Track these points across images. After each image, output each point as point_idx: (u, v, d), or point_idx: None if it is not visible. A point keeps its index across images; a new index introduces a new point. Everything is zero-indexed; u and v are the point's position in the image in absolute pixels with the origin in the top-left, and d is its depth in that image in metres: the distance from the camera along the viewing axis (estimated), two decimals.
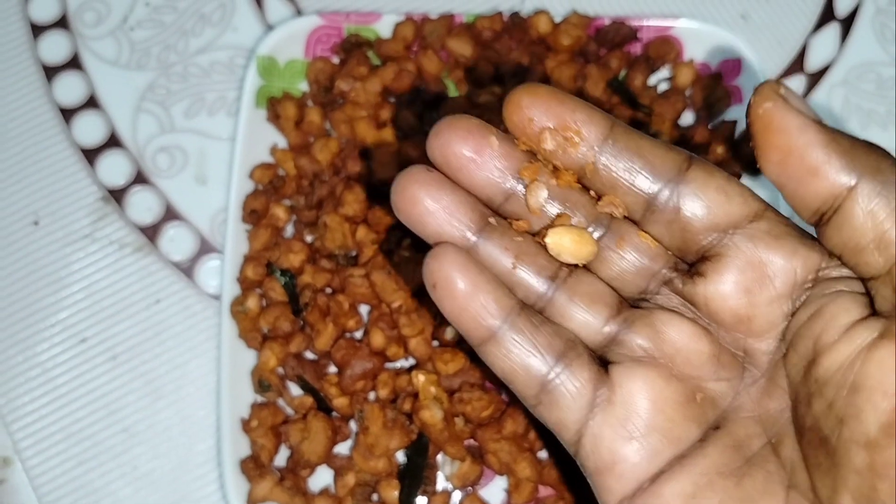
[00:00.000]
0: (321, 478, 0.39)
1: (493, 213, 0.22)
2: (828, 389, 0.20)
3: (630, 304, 0.23)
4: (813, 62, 0.48)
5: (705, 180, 0.21)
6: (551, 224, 0.22)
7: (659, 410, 0.21)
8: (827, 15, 0.48)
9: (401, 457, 0.39)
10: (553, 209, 0.23)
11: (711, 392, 0.22)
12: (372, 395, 0.39)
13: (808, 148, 0.20)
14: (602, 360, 0.22)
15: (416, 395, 0.37)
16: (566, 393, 0.22)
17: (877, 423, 0.18)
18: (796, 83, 0.47)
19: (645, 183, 0.22)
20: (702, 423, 0.22)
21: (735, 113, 0.43)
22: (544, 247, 0.22)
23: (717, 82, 0.43)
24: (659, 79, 0.45)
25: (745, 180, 0.43)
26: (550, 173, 0.22)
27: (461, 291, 0.21)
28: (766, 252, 0.21)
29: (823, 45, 0.48)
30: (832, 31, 0.48)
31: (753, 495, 0.21)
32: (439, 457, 0.39)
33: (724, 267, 0.21)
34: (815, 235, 0.21)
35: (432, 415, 0.36)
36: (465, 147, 0.22)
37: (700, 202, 0.21)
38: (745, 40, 0.45)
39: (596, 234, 0.23)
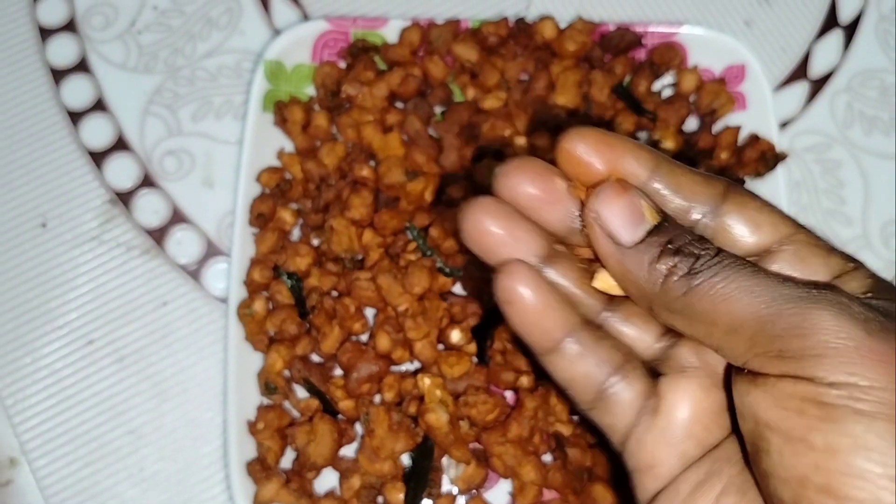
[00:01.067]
0: (327, 480, 0.39)
1: (557, 241, 0.24)
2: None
3: None
4: (816, 69, 0.48)
5: (739, 211, 0.23)
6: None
7: (696, 420, 0.24)
8: (830, 22, 0.49)
9: (406, 460, 0.39)
10: None
11: None
12: (377, 398, 0.39)
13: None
14: (653, 372, 0.25)
15: (421, 399, 0.37)
16: (620, 402, 0.24)
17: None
18: (799, 89, 0.47)
19: (685, 215, 0.24)
20: (730, 427, 0.24)
21: (739, 119, 0.44)
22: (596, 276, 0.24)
23: (721, 88, 0.43)
24: (663, 84, 0.45)
25: (750, 183, 0.43)
26: None
27: (531, 308, 0.23)
28: (796, 270, 0.23)
29: (827, 52, 0.48)
30: (835, 37, 0.48)
31: (750, 481, 0.23)
32: (444, 460, 0.39)
33: None
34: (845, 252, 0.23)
35: (438, 418, 0.36)
36: (534, 188, 0.23)
37: (731, 232, 0.23)
38: (749, 46, 0.45)
39: None
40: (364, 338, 0.40)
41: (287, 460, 0.39)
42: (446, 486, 0.39)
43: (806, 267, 0.23)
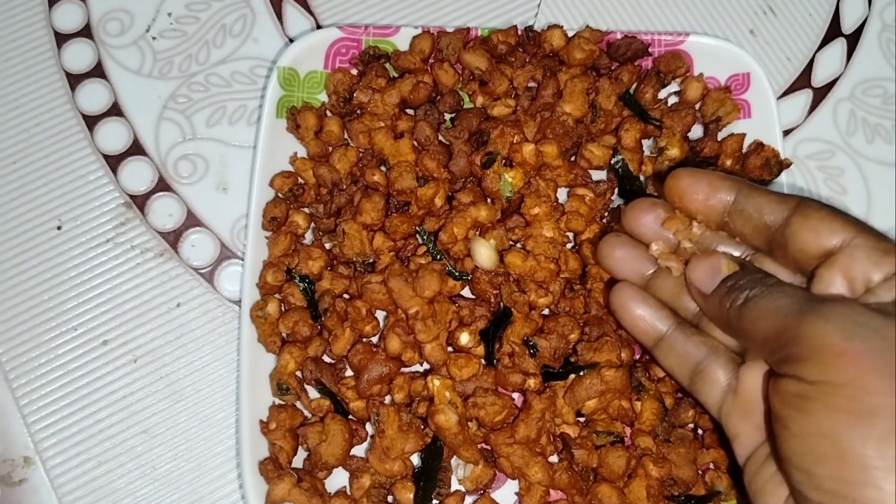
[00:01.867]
0: (337, 480, 0.40)
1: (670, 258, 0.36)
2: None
3: None
4: (820, 77, 0.48)
5: (803, 221, 0.30)
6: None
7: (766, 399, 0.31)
8: (834, 31, 0.49)
9: (415, 460, 0.39)
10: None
11: None
12: (387, 399, 0.40)
13: None
14: (740, 360, 0.33)
15: (431, 400, 0.38)
16: (710, 381, 0.34)
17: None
18: (803, 97, 0.48)
19: (764, 229, 0.32)
20: None
21: (743, 126, 0.44)
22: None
23: (726, 96, 0.44)
24: (669, 92, 0.45)
25: None
26: (688, 227, 0.36)
27: (633, 314, 0.37)
28: (849, 271, 0.29)
29: (830, 61, 0.49)
30: (839, 46, 0.49)
31: None
32: (453, 460, 0.39)
33: (824, 284, 0.30)
34: None
35: (447, 419, 0.37)
36: (646, 219, 0.37)
37: (797, 240, 0.30)
38: (754, 55, 0.46)
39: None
40: (375, 340, 0.41)
41: (298, 460, 0.40)
42: (454, 486, 0.39)
43: (858, 267, 0.28)
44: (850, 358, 0.25)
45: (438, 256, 0.40)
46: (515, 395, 0.40)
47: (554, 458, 0.39)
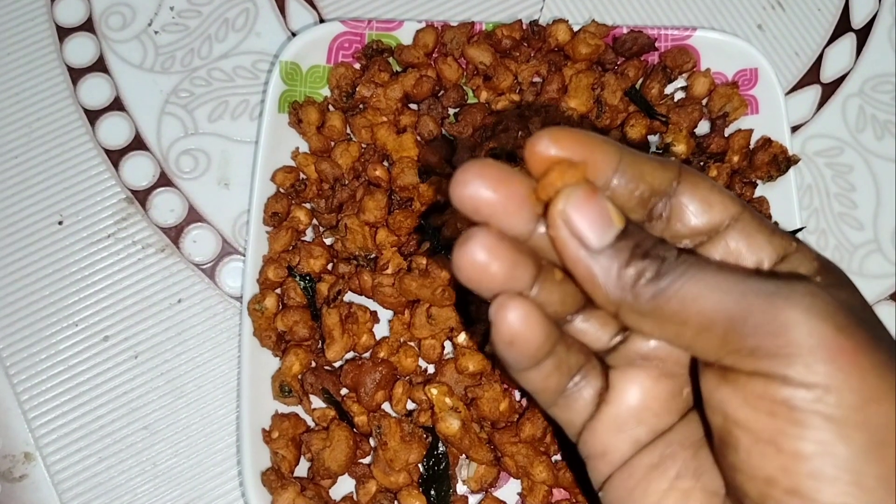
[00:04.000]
0: (342, 489, 0.39)
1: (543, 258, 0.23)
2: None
3: None
4: (828, 72, 0.48)
5: (692, 191, 0.23)
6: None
7: (646, 407, 0.24)
8: (843, 26, 0.49)
9: (421, 468, 0.39)
10: None
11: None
12: (387, 407, 0.40)
13: None
14: (605, 365, 0.25)
15: (432, 408, 0.38)
16: (580, 398, 0.25)
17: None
18: (812, 93, 0.47)
19: (646, 200, 0.23)
20: (683, 411, 0.25)
21: (751, 122, 0.44)
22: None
23: (734, 92, 0.44)
24: (675, 88, 0.45)
25: (761, 187, 0.43)
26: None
27: (534, 346, 0.23)
28: (739, 251, 0.23)
29: (839, 56, 0.48)
30: (848, 41, 0.48)
31: (705, 465, 0.23)
32: (460, 460, 0.39)
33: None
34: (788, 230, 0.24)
35: (448, 425, 0.37)
36: (493, 193, 0.22)
37: (686, 211, 0.23)
38: (762, 50, 0.46)
39: None
40: (367, 356, 0.41)
41: (301, 470, 0.39)
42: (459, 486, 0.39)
43: (752, 243, 0.23)
44: (847, 356, 0.20)
45: (442, 251, 0.40)
46: (517, 394, 0.40)
47: (557, 457, 0.39)
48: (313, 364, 0.40)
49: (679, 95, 0.45)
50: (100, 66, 0.46)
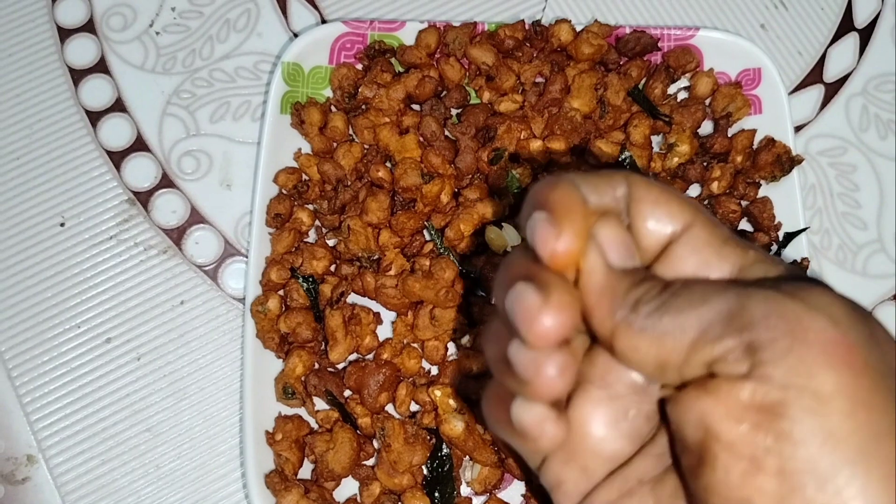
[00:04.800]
0: (345, 491, 0.39)
1: None
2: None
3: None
4: (832, 72, 0.48)
5: (637, 208, 0.23)
6: None
7: (599, 438, 0.24)
8: (846, 25, 0.49)
9: (425, 470, 0.39)
10: None
11: (646, 408, 0.23)
12: (391, 409, 0.39)
13: None
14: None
15: (436, 409, 0.38)
16: (550, 440, 0.23)
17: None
18: (815, 93, 0.47)
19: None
20: (635, 438, 0.24)
21: (754, 122, 0.44)
22: None
23: (737, 91, 0.43)
24: (678, 88, 0.45)
25: (765, 187, 0.43)
26: None
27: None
28: (693, 266, 0.23)
29: (842, 55, 0.48)
30: (851, 41, 0.48)
31: (662, 500, 0.23)
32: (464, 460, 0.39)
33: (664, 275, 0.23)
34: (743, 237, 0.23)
35: (452, 427, 0.37)
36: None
37: (637, 229, 0.23)
38: (765, 50, 0.45)
39: None
40: (370, 357, 0.41)
41: (305, 473, 0.39)
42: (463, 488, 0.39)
43: (702, 261, 0.22)
44: (844, 356, 0.19)
45: (446, 252, 0.40)
46: None
47: None
48: (317, 366, 0.40)
49: (682, 95, 0.45)
50: (101, 67, 0.46)
